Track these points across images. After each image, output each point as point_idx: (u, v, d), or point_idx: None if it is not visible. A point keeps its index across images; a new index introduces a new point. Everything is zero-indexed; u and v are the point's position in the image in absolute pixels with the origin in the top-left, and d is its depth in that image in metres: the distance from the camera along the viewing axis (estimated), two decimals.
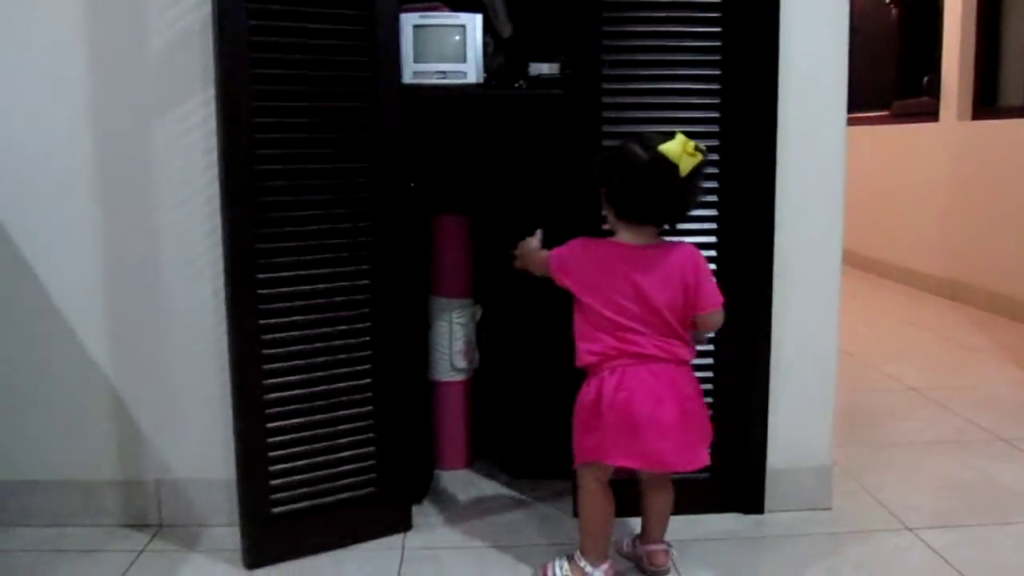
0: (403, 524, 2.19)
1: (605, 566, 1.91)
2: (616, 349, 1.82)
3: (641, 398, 1.80)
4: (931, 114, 5.20)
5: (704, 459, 1.87)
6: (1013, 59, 4.77)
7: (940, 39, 5.12)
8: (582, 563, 1.92)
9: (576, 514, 2.00)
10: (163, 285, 2.14)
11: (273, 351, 2.01)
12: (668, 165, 1.74)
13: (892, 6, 5.73)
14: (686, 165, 1.74)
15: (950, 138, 5.05)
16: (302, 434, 2.06)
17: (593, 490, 1.90)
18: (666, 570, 1.99)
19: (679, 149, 1.73)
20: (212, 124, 1.99)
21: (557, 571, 1.94)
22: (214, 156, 1.97)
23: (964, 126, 4.95)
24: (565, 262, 1.88)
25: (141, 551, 2.10)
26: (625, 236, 1.85)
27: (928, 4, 5.38)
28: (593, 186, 1.88)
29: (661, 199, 1.79)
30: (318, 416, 2.07)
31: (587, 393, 1.86)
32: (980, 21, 4.86)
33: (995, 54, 4.86)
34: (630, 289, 1.81)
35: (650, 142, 1.77)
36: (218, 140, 1.93)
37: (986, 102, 4.87)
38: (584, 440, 1.87)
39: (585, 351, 1.85)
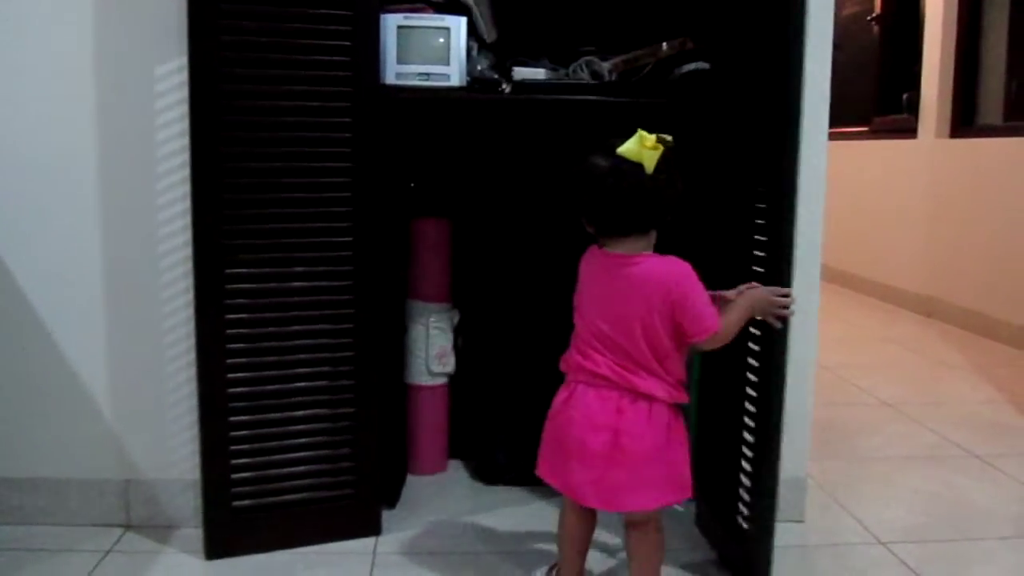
0: (374, 528, 2.17)
1: None
2: (577, 363, 1.73)
3: (578, 421, 1.69)
4: (910, 131, 5.25)
5: (636, 504, 1.71)
6: (991, 78, 4.81)
7: (920, 57, 5.17)
8: None
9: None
10: (135, 284, 2.12)
11: (240, 346, 2.01)
12: (631, 166, 1.63)
13: (874, 23, 5.77)
14: (650, 161, 1.62)
15: (928, 155, 5.09)
16: (266, 430, 2.05)
17: (565, 505, 1.83)
18: None
19: (637, 146, 1.63)
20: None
21: None
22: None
23: (942, 144, 4.99)
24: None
25: (108, 551, 2.07)
26: (617, 248, 1.71)
27: (909, 22, 5.43)
28: (571, 211, 1.75)
29: (633, 204, 1.65)
30: (284, 414, 2.06)
31: (554, 402, 1.79)
32: (959, 40, 4.91)
33: (974, 73, 4.91)
34: (602, 303, 1.71)
35: (609, 147, 1.65)
36: (190, 140, 1.92)
37: (964, 120, 4.92)
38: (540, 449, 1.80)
39: (563, 358, 1.79)
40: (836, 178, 2.51)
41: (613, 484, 1.68)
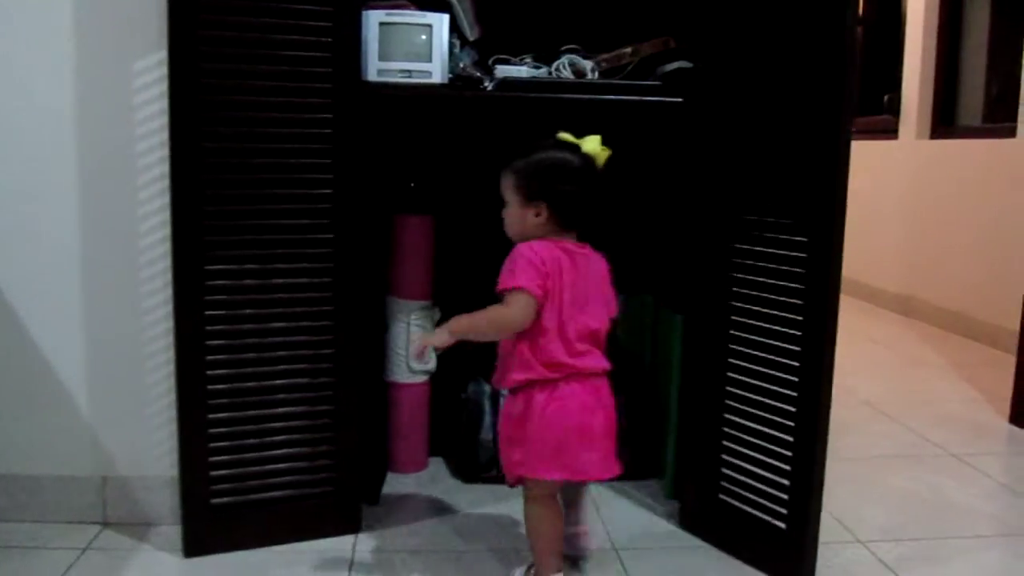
0: (354, 525, 2.16)
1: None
2: (570, 366, 1.78)
3: (574, 409, 1.78)
4: (891, 131, 5.28)
5: (621, 466, 1.86)
6: (972, 80, 4.85)
7: (902, 58, 5.19)
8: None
9: (528, 531, 1.90)
10: (113, 280, 2.11)
11: (219, 343, 2.00)
12: (593, 164, 1.81)
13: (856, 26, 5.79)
14: (602, 162, 1.81)
15: (908, 156, 5.12)
16: (245, 427, 2.05)
17: (547, 504, 1.86)
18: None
19: (598, 147, 1.81)
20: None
21: None
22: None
23: (922, 144, 5.02)
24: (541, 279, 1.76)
25: (85, 548, 2.05)
26: (568, 239, 1.83)
27: (891, 23, 5.46)
28: (531, 199, 1.81)
29: (595, 200, 1.83)
30: (264, 411, 2.05)
31: (514, 406, 1.83)
32: (940, 42, 4.94)
33: (954, 75, 4.94)
34: (582, 297, 1.79)
35: (573, 146, 1.81)
36: (170, 136, 1.91)
37: (945, 121, 4.95)
38: (513, 454, 1.83)
39: (535, 363, 1.78)
40: None
41: (611, 453, 1.84)
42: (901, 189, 5.15)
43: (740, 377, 2.06)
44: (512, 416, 1.83)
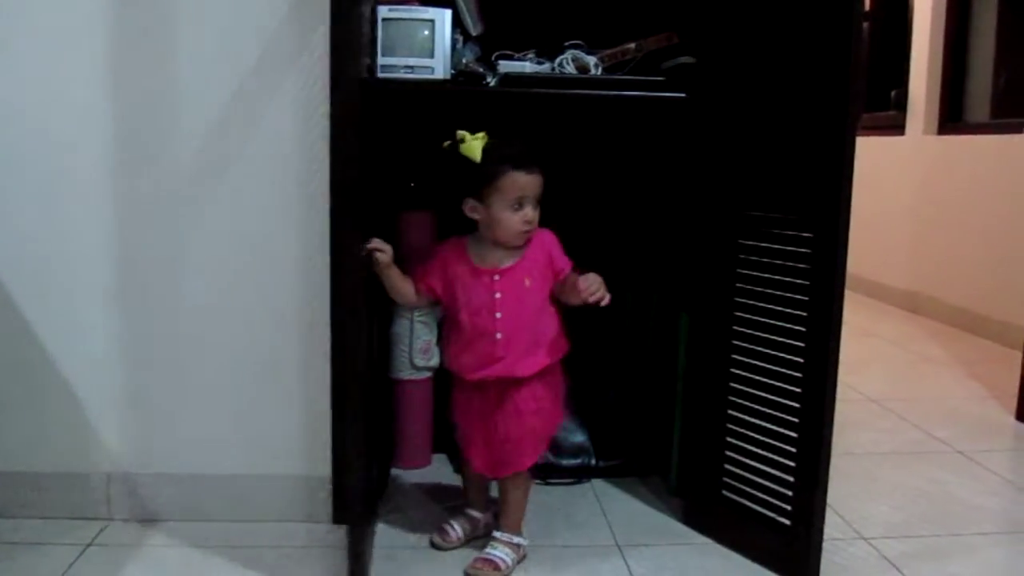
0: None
1: None
2: None
3: None
4: (898, 127, 5.26)
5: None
6: (979, 76, 4.82)
7: (909, 54, 5.17)
8: (516, 539, 2.01)
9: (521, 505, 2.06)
10: (114, 274, 2.11)
11: None
12: None
13: (862, 20, 5.77)
14: None
15: (916, 152, 5.10)
16: None
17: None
18: None
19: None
20: None
21: (508, 561, 1.97)
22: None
23: (930, 140, 5.00)
24: None
25: (88, 544, 2.06)
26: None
27: (898, 19, 5.43)
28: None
29: None
30: None
31: (542, 393, 2.00)
32: (948, 37, 4.91)
33: (962, 70, 4.92)
34: None
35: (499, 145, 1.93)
36: None
37: (952, 117, 4.93)
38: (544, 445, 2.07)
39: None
40: None
41: None
42: (908, 185, 5.13)
43: (744, 373, 2.05)
44: (543, 409, 1.97)
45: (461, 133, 1.93)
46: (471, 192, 1.93)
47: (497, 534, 2.02)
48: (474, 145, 1.89)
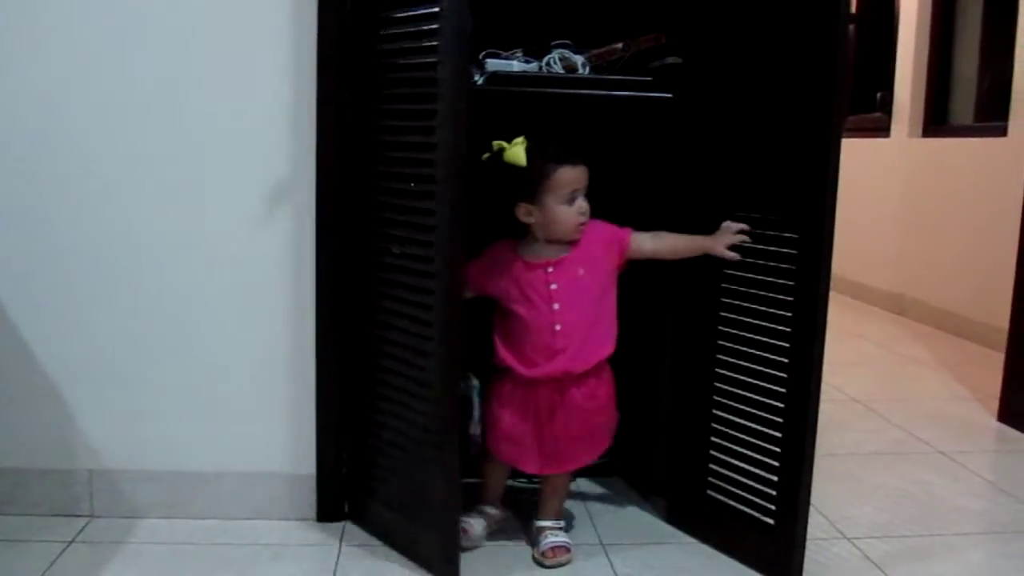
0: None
1: None
2: None
3: None
4: (883, 130, 5.28)
5: None
6: (964, 79, 4.85)
7: (894, 57, 5.19)
8: (562, 522, 2.12)
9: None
10: (96, 267, 2.10)
11: None
12: None
13: (848, 22, 5.79)
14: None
15: (901, 154, 5.13)
16: None
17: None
18: None
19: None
20: None
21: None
22: None
23: (915, 143, 5.02)
24: None
25: (70, 542, 2.05)
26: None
27: (884, 22, 5.46)
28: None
29: None
30: None
31: (597, 389, 2.04)
32: (933, 40, 4.94)
33: (947, 73, 4.94)
34: None
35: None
36: None
37: (937, 120, 4.95)
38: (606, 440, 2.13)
39: None
40: None
41: None
42: (893, 187, 5.16)
43: (729, 373, 2.05)
44: (602, 407, 2.03)
45: (498, 143, 1.96)
46: (522, 196, 1.96)
47: (548, 522, 2.08)
48: (517, 151, 1.92)
